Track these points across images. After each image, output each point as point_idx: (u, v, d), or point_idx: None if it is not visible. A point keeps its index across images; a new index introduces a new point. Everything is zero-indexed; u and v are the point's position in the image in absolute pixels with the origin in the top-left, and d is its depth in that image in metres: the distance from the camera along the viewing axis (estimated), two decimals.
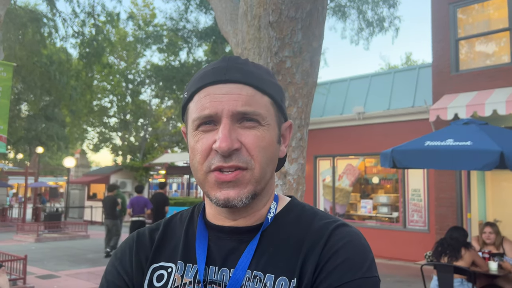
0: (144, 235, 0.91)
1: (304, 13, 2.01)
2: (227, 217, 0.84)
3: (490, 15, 9.08)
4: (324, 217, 0.83)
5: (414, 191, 10.31)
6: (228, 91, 0.79)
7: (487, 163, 4.43)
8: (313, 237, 0.79)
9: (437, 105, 8.41)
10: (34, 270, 8.97)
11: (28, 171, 21.86)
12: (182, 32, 17.58)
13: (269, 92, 0.82)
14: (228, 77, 0.80)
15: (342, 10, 16.10)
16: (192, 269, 0.82)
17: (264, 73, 0.85)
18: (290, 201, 0.89)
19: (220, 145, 0.75)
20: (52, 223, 15.57)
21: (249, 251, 0.80)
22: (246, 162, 0.77)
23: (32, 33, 14.43)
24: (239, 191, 0.77)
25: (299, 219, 0.84)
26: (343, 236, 0.78)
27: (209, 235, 0.85)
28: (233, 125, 0.78)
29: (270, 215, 0.84)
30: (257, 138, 0.78)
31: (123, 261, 0.88)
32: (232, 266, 0.79)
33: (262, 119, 0.79)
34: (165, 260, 0.86)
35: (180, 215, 0.94)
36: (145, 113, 25.29)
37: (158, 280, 0.84)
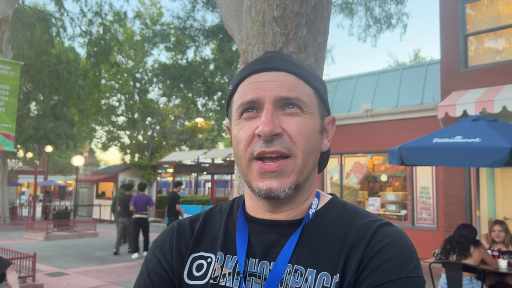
0: (184, 225, 0.92)
1: (308, 8, 1.99)
2: (268, 210, 0.83)
3: (500, 11, 8.96)
4: (367, 215, 0.82)
5: (423, 188, 10.23)
6: (271, 78, 0.80)
7: (496, 160, 4.38)
8: (356, 235, 0.78)
9: (446, 102, 8.33)
10: (43, 267, 9.05)
11: (37, 170, 22.08)
12: (189, 30, 17.60)
13: (312, 83, 0.83)
14: (271, 65, 0.81)
15: (349, 7, 16.00)
16: (231, 260, 0.82)
17: (306, 65, 0.86)
18: (332, 199, 0.89)
19: (262, 129, 0.75)
20: (61, 221, 15.70)
21: (290, 244, 0.79)
22: (288, 149, 0.77)
23: (40, 32, 14.53)
24: (282, 181, 0.77)
25: (341, 216, 0.83)
26: (387, 235, 0.77)
27: (249, 228, 0.85)
28: (276, 111, 0.78)
29: (311, 211, 0.83)
30: (299, 125, 0.78)
31: (163, 250, 0.88)
32: (272, 259, 0.79)
33: (305, 106, 0.80)
34: (205, 250, 0.86)
35: (220, 207, 0.94)
36: (152, 111, 25.37)
37: (197, 269, 0.85)
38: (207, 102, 22.08)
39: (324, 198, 0.88)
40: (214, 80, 19.49)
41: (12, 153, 21.29)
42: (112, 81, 24.67)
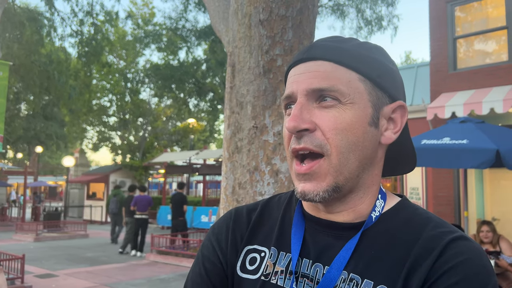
0: (241, 213, 0.87)
1: (294, 11, 2.01)
2: (323, 210, 0.77)
3: (488, 13, 9.07)
4: (440, 224, 0.72)
5: (413, 189, 10.32)
6: (306, 69, 0.73)
7: (483, 161, 4.43)
8: (424, 246, 0.68)
9: (435, 103, 8.41)
10: (32, 269, 8.98)
11: (27, 171, 21.88)
12: (181, 31, 17.58)
13: (357, 67, 0.72)
14: (307, 55, 0.75)
15: (340, 9, 16.10)
16: (285, 258, 0.77)
17: (357, 46, 0.75)
18: (401, 201, 0.78)
19: (287, 125, 0.70)
20: (51, 223, 15.58)
21: (347, 249, 0.72)
22: (320, 146, 0.70)
23: (31, 32, 14.43)
24: (316, 184, 0.71)
25: (409, 223, 0.73)
26: (462, 251, 0.66)
27: (306, 226, 0.79)
28: (310, 105, 0.72)
29: (374, 214, 0.74)
30: (334, 118, 0.70)
31: (219, 238, 0.85)
32: (327, 263, 0.73)
33: (342, 96, 0.70)
34: (259, 243, 0.82)
35: (279, 198, 0.88)
36: (144, 112, 25.28)
37: (250, 263, 0.81)
38: (199, 103, 22.05)
39: (392, 200, 0.79)
40: (206, 81, 19.47)
41: (2, 154, 21.09)
42: (104, 81, 24.54)
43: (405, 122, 0.77)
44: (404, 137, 0.81)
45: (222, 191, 2.36)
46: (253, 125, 2.14)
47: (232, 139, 2.23)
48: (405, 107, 0.77)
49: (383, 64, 0.76)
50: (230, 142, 2.24)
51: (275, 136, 2.17)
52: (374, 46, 0.78)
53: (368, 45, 0.77)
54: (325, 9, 16.04)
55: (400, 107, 0.77)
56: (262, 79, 2.10)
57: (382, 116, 0.75)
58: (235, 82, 2.20)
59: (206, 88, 19.75)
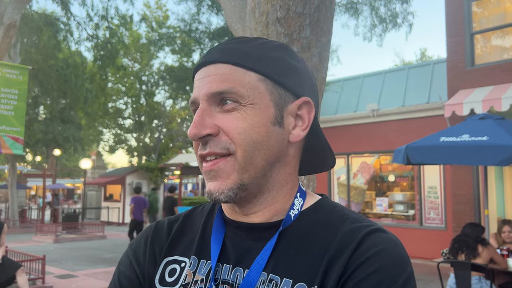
0: (162, 226, 0.85)
1: (312, 9, 2.00)
2: (239, 212, 0.76)
3: (506, 8, 8.91)
4: (357, 220, 0.72)
5: (431, 188, 10.18)
6: (206, 74, 0.73)
7: (503, 158, 4.35)
8: (341, 241, 0.68)
9: (453, 100, 8.29)
10: (52, 270, 9.12)
11: (46, 173, 22.26)
12: (194, 33, 17.68)
13: (255, 67, 0.72)
14: (206, 59, 0.74)
15: (354, 7, 15.98)
16: (205, 266, 0.75)
17: (257, 46, 0.74)
18: (320, 200, 0.78)
19: (189, 132, 0.70)
20: (70, 224, 15.83)
21: (265, 251, 0.71)
22: (225, 148, 0.69)
23: (48, 37, 14.68)
24: (220, 182, 0.70)
25: (327, 220, 0.73)
26: (377, 242, 0.67)
27: (226, 231, 0.78)
28: (212, 110, 0.71)
29: (293, 212, 0.74)
30: (236, 120, 0.69)
31: (137, 252, 0.82)
32: (247, 266, 0.72)
33: (242, 97, 0.70)
34: (180, 254, 0.80)
35: (202, 207, 0.87)
36: (159, 114, 25.49)
37: (170, 275, 0.78)
38: None
39: (311, 199, 0.78)
40: None
41: (21, 157, 21.50)
42: (119, 84, 24.83)
43: (312, 117, 0.76)
44: (316, 133, 0.80)
45: None
46: None
47: None
48: (310, 102, 0.76)
49: (284, 62, 0.74)
50: None
51: None
52: (277, 45, 0.76)
53: (270, 44, 0.76)
54: (339, 7, 15.95)
55: (305, 103, 0.76)
56: None
57: (287, 114, 0.74)
58: None
59: None
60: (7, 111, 5.14)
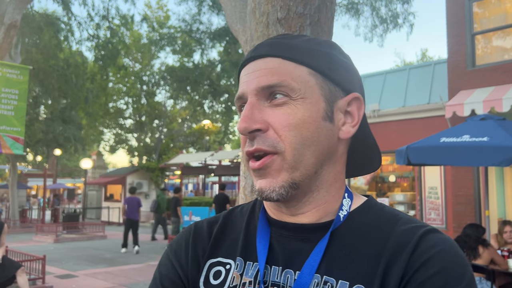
0: (202, 227, 0.83)
1: (312, 9, 2.00)
2: (286, 213, 0.74)
3: (507, 9, 8.89)
4: (409, 220, 0.71)
5: (431, 188, 10.17)
6: (255, 68, 0.72)
7: (504, 159, 4.34)
8: (397, 242, 0.67)
9: (453, 101, 8.28)
10: (53, 270, 9.12)
11: (46, 173, 22.27)
12: (195, 33, 17.69)
13: (306, 60, 0.71)
14: (255, 53, 0.73)
15: (355, 7, 15.98)
16: (252, 268, 0.73)
17: (305, 41, 0.73)
18: (367, 200, 0.77)
19: (238, 126, 0.68)
20: (70, 224, 15.84)
21: (317, 252, 0.69)
22: (273, 146, 0.68)
23: (49, 37, 14.69)
24: (271, 180, 0.68)
25: (378, 221, 0.72)
26: (435, 243, 0.66)
27: (271, 232, 0.75)
28: (261, 104, 0.70)
29: (342, 213, 0.72)
30: (286, 115, 0.68)
31: (178, 254, 0.80)
32: (297, 268, 0.70)
33: (292, 91, 0.68)
34: (224, 255, 0.78)
35: (241, 208, 0.85)
36: (160, 114, 25.51)
37: (215, 277, 0.76)
38: (214, 104, 22.15)
39: (359, 200, 0.77)
40: (221, 83, 19.55)
41: (22, 157, 21.52)
42: (120, 84, 24.84)
43: (362, 114, 0.75)
44: (364, 131, 0.79)
45: (241, 191, 2.36)
46: None
47: None
48: (360, 99, 0.75)
49: (334, 57, 0.74)
50: None
51: None
52: (326, 41, 0.76)
53: (317, 40, 0.75)
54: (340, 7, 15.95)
55: (356, 99, 0.74)
56: None
57: (337, 110, 0.73)
58: None
59: (221, 90, 19.84)
60: (8, 111, 5.15)
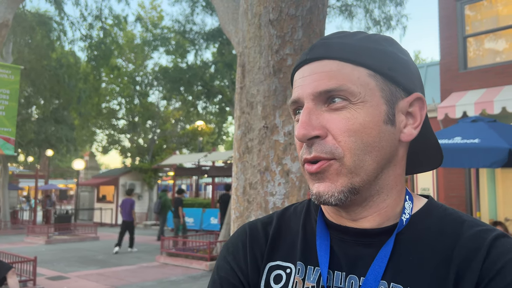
0: (256, 228, 0.80)
1: (304, 11, 2.01)
2: (345, 217, 0.72)
3: (499, 12, 8.98)
4: (474, 223, 0.68)
5: (423, 190, 10.23)
6: (310, 71, 0.69)
7: (495, 160, 4.38)
8: (466, 247, 0.65)
9: (445, 103, 8.34)
10: (44, 271, 9.05)
11: (38, 174, 22.10)
12: (189, 34, 17.67)
13: (365, 62, 0.67)
14: (310, 55, 0.70)
15: (348, 9, 16.04)
16: (314, 273, 0.71)
17: (363, 39, 0.70)
18: (428, 202, 0.74)
19: (296, 134, 0.66)
20: (62, 225, 15.74)
21: (382, 257, 0.67)
22: (331, 152, 0.65)
23: (41, 36, 14.60)
24: (329, 184, 0.66)
25: (442, 223, 0.69)
26: (508, 249, 0.63)
27: (330, 236, 0.73)
28: (318, 109, 0.67)
29: (405, 216, 0.70)
30: (346, 120, 0.65)
31: (236, 257, 0.78)
32: (362, 274, 0.67)
33: (352, 95, 0.65)
34: (282, 259, 0.76)
35: (294, 208, 0.82)
36: (153, 115, 25.42)
37: (276, 281, 0.74)
38: (207, 105, 22.12)
39: (419, 201, 0.74)
40: (214, 83, 19.53)
41: (13, 157, 21.34)
42: (113, 84, 24.73)
43: (424, 115, 0.72)
44: (426, 131, 0.76)
45: (233, 192, 2.36)
46: (263, 125, 2.14)
47: (242, 139, 2.23)
48: (423, 99, 0.72)
49: (393, 55, 0.70)
50: (241, 142, 2.24)
51: (285, 136, 2.16)
52: (383, 37, 0.72)
53: (376, 37, 0.71)
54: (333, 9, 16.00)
55: (418, 99, 0.71)
56: (272, 79, 2.09)
57: (398, 111, 0.69)
58: (245, 82, 2.19)
59: (214, 91, 19.82)
60: None
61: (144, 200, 23.58)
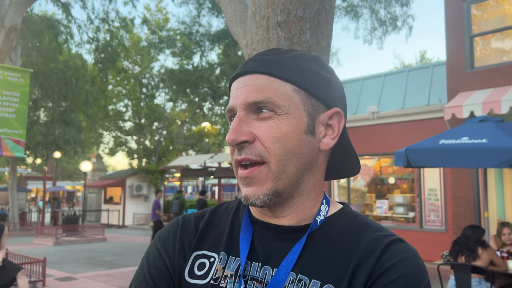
0: (189, 220, 0.88)
1: (312, 13, 2.03)
2: (268, 214, 0.80)
3: (505, 11, 8.94)
4: (378, 229, 0.78)
5: (431, 190, 10.18)
6: (244, 83, 0.77)
7: (503, 160, 4.36)
8: (366, 248, 0.74)
9: (452, 103, 8.31)
10: (53, 272, 9.12)
11: (46, 176, 22.27)
12: (195, 36, 17.73)
13: (291, 78, 0.76)
14: (245, 68, 0.78)
15: (354, 10, 16.02)
16: (234, 262, 0.79)
17: (292, 58, 0.79)
18: (343, 208, 0.83)
19: (227, 138, 0.74)
20: (70, 227, 15.84)
21: (294, 252, 0.75)
22: (260, 155, 0.74)
23: (49, 40, 14.73)
24: (256, 188, 0.74)
25: (351, 227, 0.78)
26: (399, 251, 0.73)
27: (254, 230, 0.81)
28: (248, 117, 0.75)
29: (319, 218, 0.79)
30: (271, 129, 0.74)
31: (166, 244, 0.85)
32: (275, 265, 0.76)
33: (278, 107, 0.74)
34: (208, 249, 0.84)
35: (227, 205, 0.91)
36: (159, 116, 25.52)
37: (199, 268, 0.82)
38: (213, 107, 22.18)
39: (335, 207, 0.83)
40: (220, 85, 19.57)
41: (21, 159, 21.53)
42: (119, 86, 24.87)
43: (342, 127, 0.81)
44: (344, 141, 0.85)
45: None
46: None
47: None
48: (341, 113, 0.80)
49: (317, 74, 0.79)
50: None
51: None
52: (311, 57, 0.81)
53: (304, 56, 0.80)
54: (339, 10, 15.99)
55: (336, 113, 0.80)
56: None
57: (319, 123, 0.78)
58: None
59: (220, 92, 19.87)
60: (9, 114, 5.17)
61: (151, 201, 23.67)
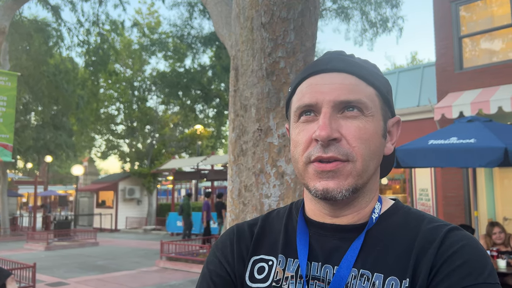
0: (243, 228, 0.90)
1: (296, 14, 2.03)
2: (329, 214, 0.81)
3: (493, 12, 9.02)
4: (433, 220, 0.79)
5: (422, 190, 10.23)
6: (330, 81, 0.77)
7: (491, 160, 4.40)
8: (425, 238, 0.75)
9: (442, 103, 8.36)
10: (43, 278, 9.04)
11: (37, 180, 22.08)
12: (186, 38, 17.71)
13: (374, 83, 0.79)
14: (330, 66, 0.78)
15: (345, 11, 16.10)
16: (293, 264, 0.80)
17: (370, 65, 0.83)
18: (395, 203, 0.85)
19: (319, 133, 0.73)
20: (61, 231, 15.72)
21: (353, 248, 0.77)
22: (346, 154, 0.74)
23: (38, 43, 14.62)
24: (338, 182, 0.74)
25: (406, 221, 0.80)
26: (459, 239, 0.74)
27: (309, 232, 0.83)
28: (334, 115, 0.76)
29: (374, 215, 0.80)
30: (359, 129, 0.75)
31: (224, 252, 0.87)
32: (336, 263, 0.77)
33: (366, 108, 0.76)
34: (265, 253, 0.85)
35: (277, 211, 0.92)
36: (151, 119, 25.43)
37: (259, 272, 0.83)
38: (206, 109, 22.15)
39: (387, 203, 0.85)
40: (212, 87, 19.56)
41: (12, 164, 21.32)
42: (111, 90, 24.75)
43: (399, 135, 0.86)
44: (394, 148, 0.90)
45: (229, 194, 2.37)
46: (257, 127, 2.15)
47: (237, 142, 2.24)
48: (400, 122, 0.86)
49: (388, 82, 0.83)
50: (235, 145, 2.25)
51: (279, 138, 2.17)
52: (375, 65, 0.85)
53: (370, 62, 0.84)
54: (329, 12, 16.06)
55: (398, 122, 0.86)
56: (265, 82, 2.11)
57: (386, 129, 0.83)
58: (238, 85, 2.21)
59: (212, 94, 19.84)
60: None
61: (144, 205, 23.56)
